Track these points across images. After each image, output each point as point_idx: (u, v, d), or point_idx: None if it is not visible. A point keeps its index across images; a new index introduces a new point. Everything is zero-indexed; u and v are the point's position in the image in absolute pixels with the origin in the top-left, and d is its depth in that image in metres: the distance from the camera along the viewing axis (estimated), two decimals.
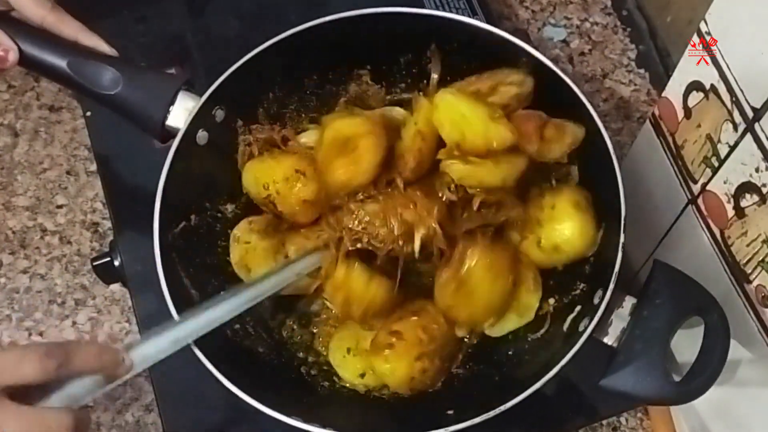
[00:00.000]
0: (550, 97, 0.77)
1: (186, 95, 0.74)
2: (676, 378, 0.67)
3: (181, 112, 0.74)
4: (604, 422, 0.90)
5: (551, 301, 0.76)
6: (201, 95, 0.75)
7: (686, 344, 0.71)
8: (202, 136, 0.76)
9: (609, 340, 0.68)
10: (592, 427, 0.90)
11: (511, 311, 0.74)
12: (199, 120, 0.74)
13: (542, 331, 0.75)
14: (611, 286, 0.66)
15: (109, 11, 0.97)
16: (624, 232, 0.68)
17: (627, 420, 0.91)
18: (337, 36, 0.79)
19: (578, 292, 0.74)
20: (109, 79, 0.73)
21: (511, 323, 0.75)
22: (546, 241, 0.73)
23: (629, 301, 0.68)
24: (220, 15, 0.98)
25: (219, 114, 0.77)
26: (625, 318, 0.68)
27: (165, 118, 0.74)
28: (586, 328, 0.66)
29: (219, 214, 0.79)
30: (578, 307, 0.72)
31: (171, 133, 0.74)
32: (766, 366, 0.72)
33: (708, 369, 0.66)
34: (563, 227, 0.72)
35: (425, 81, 0.83)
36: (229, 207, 0.80)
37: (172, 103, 0.74)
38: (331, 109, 0.84)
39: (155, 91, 0.74)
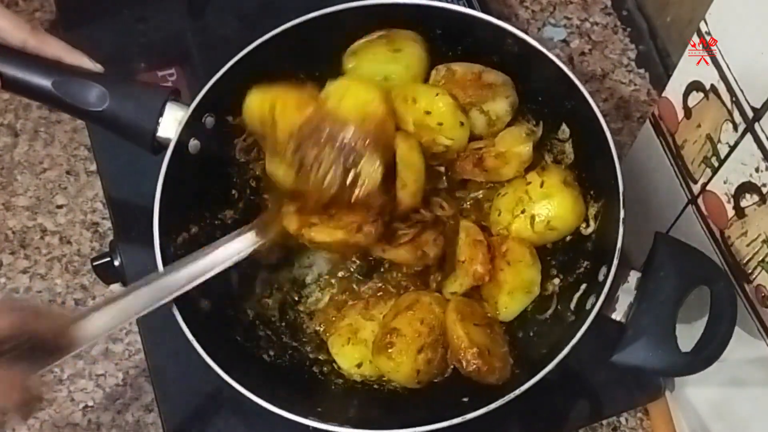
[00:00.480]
0: (541, 81, 0.78)
1: (174, 105, 0.74)
2: (686, 350, 0.66)
3: (170, 123, 0.73)
4: (604, 422, 0.90)
5: (556, 281, 0.77)
6: (192, 102, 0.74)
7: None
8: (193, 145, 0.75)
9: (617, 316, 0.68)
10: (592, 427, 0.90)
11: (517, 291, 0.74)
12: (189, 129, 0.74)
13: (550, 311, 0.75)
14: (615, 261, 0.67)
15: (109, 11, 0.97)
16: (624, 207, 0.68)
17: (627, 420, 0.91)
18: (321, 32, 0.78)
19: (582, 270, 0.75)
20: (95, 96, 0.72)
21: (520, 302, 0.75)
22: (538, 217, 0.74)
23: (634, 276, 0.69)
24: (220, 15, 0.98)
25: (209, 121, 0.76)
26: (632, 293, 0.68)
27: (155, 130, 0.73)
28: (593, 305, 0.67)
29: (218, 222, 0.79)
30: (584, 285, 0.73)
31: (162, 144, 0.74)
32: (766, 366, 0.72)
33: (717, 337, 0.65)
34: (554, 203, 0.74)
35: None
36: (228, 213, 0.80)
37: (161, 114, 0.73)
38: None
39: (143, 103, 0.74)
